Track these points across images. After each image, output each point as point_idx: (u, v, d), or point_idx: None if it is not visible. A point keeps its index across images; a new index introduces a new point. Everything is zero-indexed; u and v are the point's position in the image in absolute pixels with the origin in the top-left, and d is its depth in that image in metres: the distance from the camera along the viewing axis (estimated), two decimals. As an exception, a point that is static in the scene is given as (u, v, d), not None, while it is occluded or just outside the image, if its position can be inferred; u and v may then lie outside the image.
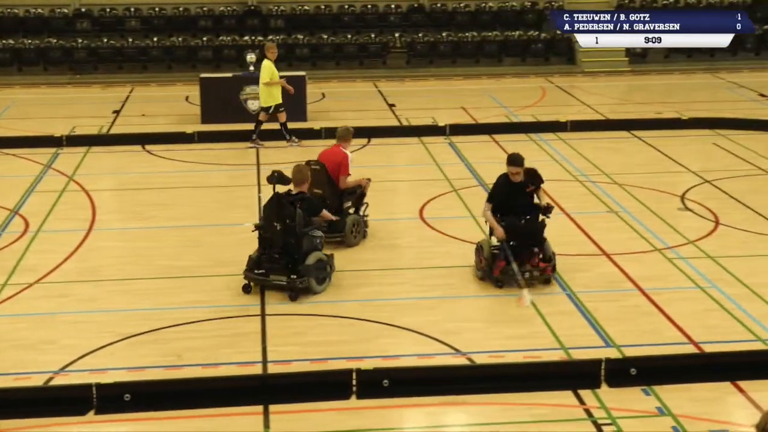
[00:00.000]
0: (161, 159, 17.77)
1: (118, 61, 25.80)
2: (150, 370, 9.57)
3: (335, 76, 25.58)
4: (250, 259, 11.62)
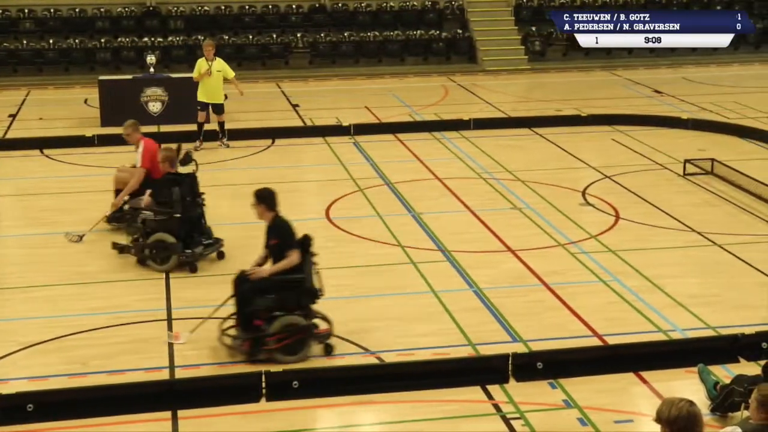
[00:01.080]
0: (60, 163, 17.41)
1: (13, 64, 25.19)
2: (54, 379, 9.37)
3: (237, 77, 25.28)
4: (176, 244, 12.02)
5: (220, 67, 18.31)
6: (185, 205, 12.28)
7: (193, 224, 12.40)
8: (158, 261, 12.17)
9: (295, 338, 9.77)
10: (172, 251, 12.15)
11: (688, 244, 13.20)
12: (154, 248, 12.21)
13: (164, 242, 12.18)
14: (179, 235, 12.19)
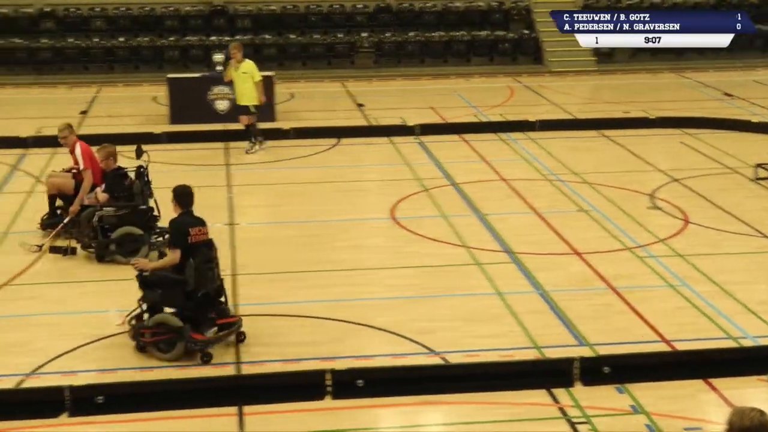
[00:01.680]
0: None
1: (84, 62, 25.59)
2: (123, 372, 9.50)
3: (303, 77, 25.51)
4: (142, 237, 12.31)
5: (247, 69, 18.04)
6: (144, 197, 12.67)
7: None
8: (126, 254, 12.20)
9: (165, 337, 9.71)
10: (141, 243, 12.32)
11: (759, 249, 12.97)
12: (120, 243, 12.34)
13: (132, 235, 12.39)
14: (143, 226, 12.48)
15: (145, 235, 12.45)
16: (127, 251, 12.30)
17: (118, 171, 12.79)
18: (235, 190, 15.72)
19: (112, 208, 12.56)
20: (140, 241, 12.37)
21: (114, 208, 12.58)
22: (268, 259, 12.60)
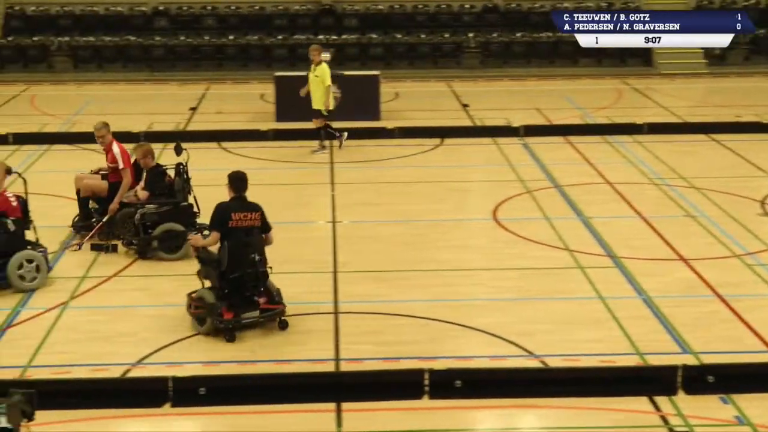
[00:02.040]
0: (236, 156, 17.93)
1: (195, 59, 26.11)
2: (225, 365, 9.66)
3: (409, 76, 25.56)
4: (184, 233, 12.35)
5: (320, 73, 17.85)
6: (184, 194, 12.77)
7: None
8: (169, 250, 12.47)
9: (200, 311, 10.29)
10: (182, 239, 12.41)
11: None
12: (162, 239, 12.48)
13: (173, 231, 12.50)
14: (184, 223, 12.60)
15: (186, 231, 12.52)
16: (168, 247, 12.49)
17: (158, 169, 12.94)
18: (338, 188, 15.84)
19: (153, 206, 12.67)
20: (181, 237, 12.47)
21: (155, 205, 12.68)
22: (370, 258, 12.67)
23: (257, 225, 10.43)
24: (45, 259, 11.65)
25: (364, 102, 19.98)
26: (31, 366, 9.64)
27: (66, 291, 11.50)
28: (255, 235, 10.40)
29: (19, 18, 26.60)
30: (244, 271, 10.27)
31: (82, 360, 9.76)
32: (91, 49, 25.98)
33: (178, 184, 12.81)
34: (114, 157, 13.22)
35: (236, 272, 10.23)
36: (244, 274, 10.27)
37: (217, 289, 10.34)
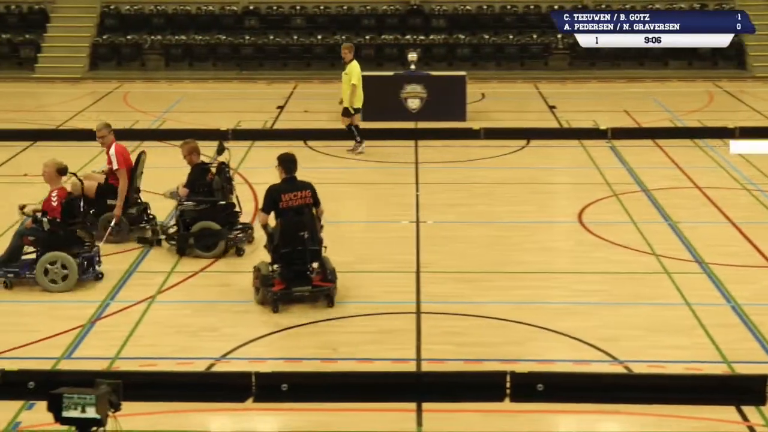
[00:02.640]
0: (322, 155, 18.06)
1: (283, 58, 26.36)
2: (306, 362, 9.74)
3: (496, 77, 25.44)
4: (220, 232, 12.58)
5: (349, 71, 17.89)
6: (224, 193, 12.76)
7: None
8: (205, 248, 12.55)
9: (257, 282, 11.03)
10: (219, 237, 12.55)
11: None
12: (198, 237, 12.56)
13: (211, 229, 12.57)
14: (223, 221, 12.67)
15: (224, 230, 12.59)
16: (204, 245, 12.58)
17: (201, 166, 12.91)
18: (423, 188, 15.83)
19: (192, 203, 12.72)
20: (218, 236, 12.57)
21: (194, 203, 12.73)
22: (454, 258, 12.64)
23: (308, 203, 11.05)
24: (75, 260, 11.50)
25: (451, 102, 19.94)
26: (119, 358, 9.84)
27: (153, 285, 11.71)
28: (306, 213, 11.02)
29: (114, 17, 27.17)
30: (294, 247, 10.92)
31: (168, 353, 9.93)
32: (182, 48, 26.42)
33: (217, 183, 12.80)
34: (110, 159, 13.25)
35: (287, 248, 10.93)
36: (294, 250, 10.93)
37: (272, 262, 11.06)
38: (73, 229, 11.80)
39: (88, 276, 11.75)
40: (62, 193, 11.76)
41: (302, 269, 11.01)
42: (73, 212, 11.84)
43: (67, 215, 11.69)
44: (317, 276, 11.08)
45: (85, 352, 9.96)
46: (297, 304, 11.08)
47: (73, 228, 11.80)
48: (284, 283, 10.95)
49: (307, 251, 10.98)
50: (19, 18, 27.18)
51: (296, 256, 10.96)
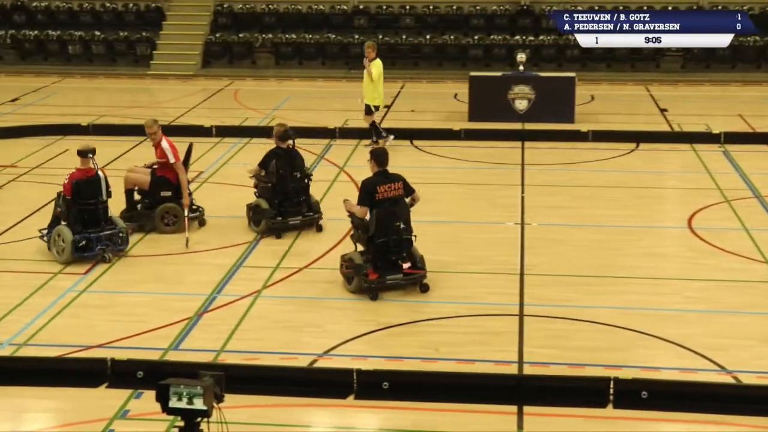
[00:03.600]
0: (427, 154, 18.07)
1: (391, 58, 26.41)
2: (408, 361, 9.75)
3: (606, 78, 25.09)
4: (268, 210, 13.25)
5: (371, 68, 18.21)
6: (280, 176, 13.40)
7: (287, 195, 13.38)
8: (256, 224, 13.48)
9: (349, 271, 11.49)
10: (262, 216, 13.38)
11: None
12: (250, 212, 13.60)
13: (259, 207, 13.43)
14: (273, 202, 13.36)
15: (269, 210, 13.33)
16: (253, 221, 13.54)
17: (275, 150, 13.61)
18: (528, 190, 15.71)
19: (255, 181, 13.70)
20: (261, 215, 13.40)
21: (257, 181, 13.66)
22: (559, 261, 12.51)
23: (401, 194, 11.51)
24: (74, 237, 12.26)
25: (559, 104, 19.75)
26: (224, 351, 10.01)
27: (259, 280, 11.88)
28: (400, 204, 11.49)
29: (227, 16, 27.66)
30: (390, 237, 11.33)
31: (272, 348, 10.06)
32: (292, 46, 26.75)
33: (272, 167, 13.49)
34: (163, 153, 13.61)
35: (382, 238, 11.31)
36: (389, 240, 11.34)
37: (365, 252, 11.42)
38: (90, 209, 12.49)
39: (89, 255, 12.38)
40: (75, 174, 12.50)
41: (395, 258, 11.36)
42: (83, 193, 12.47)
43: (77, 195, 12.40)
44: (407, 264, 11.41)
45: (192, 344, 10.16)
46: (400, 302, 11.12)
47: (86, 208, 12.47)
48: (378, 272, 11.30)
49: (402, 240, 11.38)
50: (137, 16, 27.89)
51: (392, 246, 11.34)
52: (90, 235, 12.40)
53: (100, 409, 8.86)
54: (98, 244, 12.45)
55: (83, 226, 12.43)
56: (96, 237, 12.44)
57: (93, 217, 12.53)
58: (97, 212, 12.56)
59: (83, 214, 12.48)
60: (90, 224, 12.48)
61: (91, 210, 12.53)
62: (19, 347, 10.09)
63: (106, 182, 12.66)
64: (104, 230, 12.53)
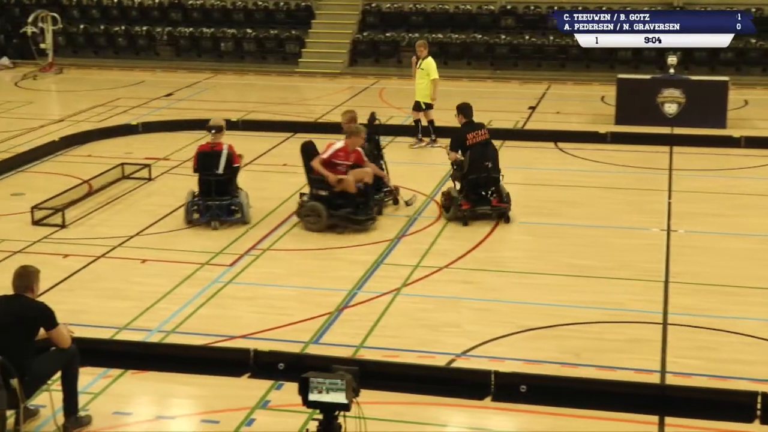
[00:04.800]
0: (572, 157, 17.84)
1: (537, 59, 26.23)
2: (547, 365, 9.65)
3: (761, 83, 24.27)
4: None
5: (425, 66, 18.32)
6: (374, 159, 14.49)
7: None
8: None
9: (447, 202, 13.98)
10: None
11: None
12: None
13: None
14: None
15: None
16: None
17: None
18: (676, 196, 15.33)
19: None
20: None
21: None
22: (705, 270, 12.17)
23: (487, 137, 13.93)
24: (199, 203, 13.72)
25: (710, 108, 19.21)
26: (363, 346, 10.11)
27: (399, 278, 11.95)
28: (489, 147, 13.88)
29: (374, 15, 27.93)
30: (479, 175, 13.70)
31: (410, 346, 10.10)
32: (438, 46, 26.74)
33: (366, 150, 14.22)
34: (360, 156, 13.90)
35: (473, 175, 13.70)
36: (479, 177, 13.70)
37: (461, 187, 13.82)
38: (207, 180, 13.66)
39: (200, 220, 13.68)
40: (200, 148, 13.96)
41: (484, 193, 13.68)
42: (203, 165, 13.75)
43: (200, 167, 13.76)
44: (495, 199, 13.71)
45: (332, 339, 10.29)
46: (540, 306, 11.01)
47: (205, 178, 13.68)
48: (469, 203, 13.64)
49: (490, 178, 13.72)
50: (287, 14, 28.44)
51: (481, 182, 13.67)
52: (204, 203, 13.60)
53: (242, 398, 9.07)
54: (208, 212, 13.57)
55: (201, 194, 13.70)
56: (206, 205, 13.59)
57: (208, 187, 13.65)
58: (211, 183, 13.62)
59: (202, 184, 13.73)
60: (206, 193, 13.68)
61: (208, 180, 13.64)
62: (167, 334, 10.42)
63: (227, 158, 13.61)
64: (217, 200, 13.57)
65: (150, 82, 25.47)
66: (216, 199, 13.58)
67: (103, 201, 15.03)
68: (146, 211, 14.53)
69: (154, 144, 18.70)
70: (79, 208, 14.54)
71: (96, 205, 14.81)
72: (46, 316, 8.19)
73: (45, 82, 25.65)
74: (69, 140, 18.67)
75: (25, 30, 26.75)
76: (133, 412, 8.96)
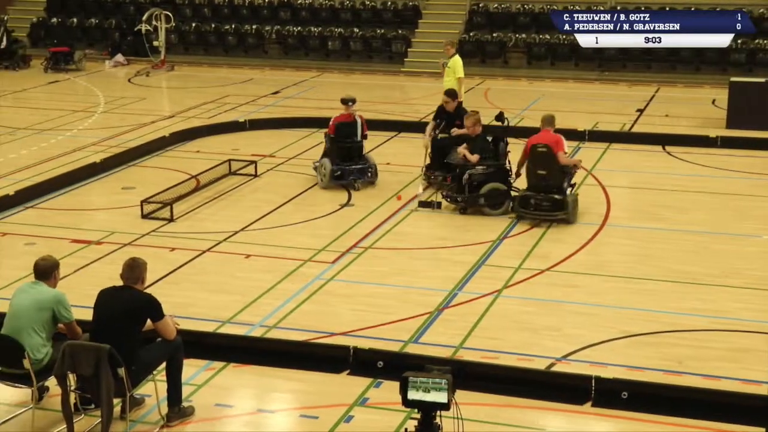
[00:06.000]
0: (680, 161, 17.50)
1: (647, 60, 25.79)
2: (649, 372, 9.49)
3: None
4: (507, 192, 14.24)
5: (452, 64, 18.59)
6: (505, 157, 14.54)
7: None
8: (493, 207, 14.19)
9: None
10: (505, 197, 14.21)
11: None
12: (488, 196, 14.18)
13: (498, 190, 14.22)
14: (507, 183, 14.37)
15: (508, 191, 14.24)
16: (493, 204, 14.19)
17: (484, 135, 14.71)
18: (789, 202, 14.93)
19: (480, 167, 14.30)
20: (505, 196, 14.23)
21: (482, 167, 14.30)
22: (816, 280, 11.82)
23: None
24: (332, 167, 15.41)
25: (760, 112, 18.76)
26: (462, 347, 10.09)
27: (501, 279, 11.90)
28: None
29: (481, 15, 27.85)
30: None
31: (509, 348, 10.04)
32: (545, 47, 26.59)
33: (502, 149, 14.53)
34: None
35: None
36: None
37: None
38: (346, 146, 15.47)
39: (344, 182, 15.41)
40: (338, 118, 15.56)
41: None
42: (341, 133, 15.44)
43: (337, 134, 15.45)
44: None
45: (431, 339, 10.30)
46: (643, 311, 10.83)
47: (344, 145, 15.45)
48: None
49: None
50: (394, 14, 28.54)
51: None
52: (345, 167, 15.37)
53: (341, 395, 9.14)
54: (350, 175, 15.42)
55: (341, 159, 15.45)
56: (349, 169, 15.39)
57: (348, 153, 15.50)
58: (352, 149, 15.54)
59: (341, 150, 15.43)
60: (346, 158, 15.49)
61: (348, 147, 15.50)
62: (269, 329, 10.57)
63: (361, 126, 15.57)
64: (357, 164, 15.49)
65: (258, 80, 25.87)
66: (356, 163, 15.44)
67: (210, 196, 15.33)
68: (251, 207, 14.77)
69: (260, 141, 18.99)
70: (186, 203, 14.86)
71: (203, 200, 15.11)
72: (153, 307, 8.39)
73: (157, 79, 26.28)
74: (178, 136, 19.09)
75: (139, 28, 27.46)
76: (235, 404, 9.12)
